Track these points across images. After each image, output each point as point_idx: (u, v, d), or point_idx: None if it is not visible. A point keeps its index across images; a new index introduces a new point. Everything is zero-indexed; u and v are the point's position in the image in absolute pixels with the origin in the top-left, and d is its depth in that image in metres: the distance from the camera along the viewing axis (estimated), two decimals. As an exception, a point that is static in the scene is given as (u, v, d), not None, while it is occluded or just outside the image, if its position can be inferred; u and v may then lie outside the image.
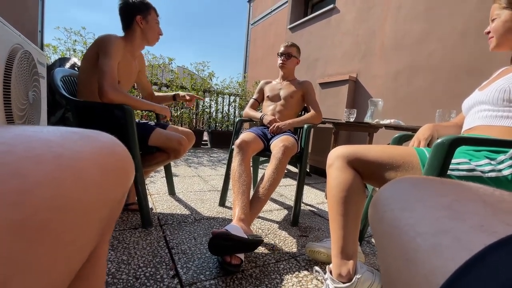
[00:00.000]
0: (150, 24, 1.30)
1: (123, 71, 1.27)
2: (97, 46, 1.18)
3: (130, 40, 1.29)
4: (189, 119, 4.31)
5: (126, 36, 1.30)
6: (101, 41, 1.17)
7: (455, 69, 2.03)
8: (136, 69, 1.42)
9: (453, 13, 2.06)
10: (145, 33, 1.30)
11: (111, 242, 1.05)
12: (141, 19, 1.27)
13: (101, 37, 1.18)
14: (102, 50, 1.15)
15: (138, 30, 1.29)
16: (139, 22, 1.27)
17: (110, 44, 1.15)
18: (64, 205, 0.18)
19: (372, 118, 2.02)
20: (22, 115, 1.36)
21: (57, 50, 3.12)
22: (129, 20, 1.28)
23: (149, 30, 1.30)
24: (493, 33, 0.82)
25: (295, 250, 1.13)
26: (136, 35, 1.29)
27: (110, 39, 1.16)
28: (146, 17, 1.28)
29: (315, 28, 3.52)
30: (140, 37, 1.31)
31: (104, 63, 1.13)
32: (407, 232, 0.19)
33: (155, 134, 1.28)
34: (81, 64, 1.25)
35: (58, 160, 0.19)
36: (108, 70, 1.12)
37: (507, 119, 0.75)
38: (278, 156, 1.25)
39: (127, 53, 1.28)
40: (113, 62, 1.15)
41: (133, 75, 1.39)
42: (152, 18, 1.30)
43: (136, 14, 1.26)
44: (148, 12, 1.28)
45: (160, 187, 1.86)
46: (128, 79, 1.35)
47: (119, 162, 0.27)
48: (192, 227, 1.26)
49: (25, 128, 0.21)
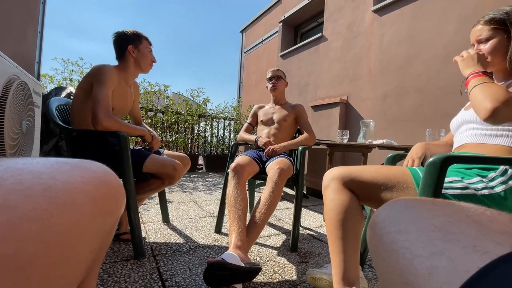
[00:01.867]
0: (142, 52, 1.34)
1: (118, 98, 1.29)
2: (91, 76, 1.20)
3: (123, 69, 1.34)
4: (184, 144, 4.31)
5: (120, 65, 1.35)
6: (95, 70, 1.20)
7: (440, 90, 2.13)
8: (132, 97, 1.45)
9: (433, 38, 2.20)
10: (137, 61, 1.35)
11: (101, 275, 0.99)
12: (133, 48, 1.32)
13: (96, 67, 1.21)
14: (96, 80, 1.18)
15: (131, 59, 1.34)
16: (131, 52, 1.32)
17: (104, 73, 1.18)
18: (53, 239, 0.18)
19: (365, 138, 2.06)
20: (14, 145, 1.34)
21: (53, 80, 3.18)
22: (122, 50, 1.33)
23: (141, 58, 1.34)
24: (489, 54, 0.82)
25: (295, 278, 1.08)
26: (129, 63, 1.34)
27: (104, 69, 1.20)
28: (138, 46, 1.33)
29: (304, 55, 3.70)
30: (134, 65, 1.35)
31: (98, 92, 1.15)
32: (404, 255, 0.18)
33: (150, 161, 1.27)
34: (75, 92, 1.28)
35: (48, 192, 0.19)
36: (102, 98, 1.14)
37: (496, 137, 0.78)
38: (274, 178, 1.24)
39: (121, 81, 1.32)
40: (107, 90, 1.17)
41: (128, 103, 1.42)
42: (144, 47, 1.35)
43: (128, 44, 1.32)
44: (139, 41, 1.34)
45: (154, 214, 1.81)
46: (123, 106, 1.37)
47: (110, 192, 0.26)
48: (187, 257, 1.20)
49: (16, 160, 0.21)
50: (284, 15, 4.23)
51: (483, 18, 0.85)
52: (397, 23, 2.50)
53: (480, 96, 0.71)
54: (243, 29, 6.09)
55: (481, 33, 0.84)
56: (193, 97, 4.47)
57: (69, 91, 2.52)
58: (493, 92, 0.69)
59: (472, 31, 0.89)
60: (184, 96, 4.58)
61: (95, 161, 0.28)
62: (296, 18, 4.17)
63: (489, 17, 0.83)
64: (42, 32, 2.66)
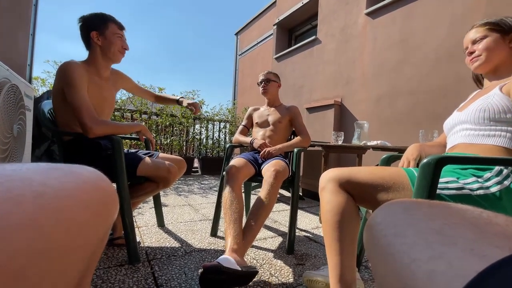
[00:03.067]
0: (109, 39, 1.16)
1: (95, 96, 1.16)
2: (59, 80, 1.09)
3: (92, 62, 1.19)
4: (179, 146, 4.28)
5: (88, 57, 1.20)
6: (62, 72, 1.08)
7: (432, 93, 2.16)
8: (112, 91, 1.32)
9: (425, 42, 2.24)
10: (104, 49, 1.17)
11: (95, 281, 0.97)
12: (97, 35, 1.15)
13: (60, 68, 1.08)
14: (65, 84, 1.06)
15: (96, 47, 1.17)
16: (95, 39, 1.15)
17: (70, 74, 1.06)
18: (44, 249, 0.17)
19: (359, 140, 2.08)
20: (5, 149, 1.31)
21: (45, 82, 3.13)
22: (86, 38, 1.17)
23: (108, 45, 1.17)
24: (483, 51, 0.84)
25: (291, 280, 1.07)
26: (96, 53, 1.18)
27: (69, 69, 1.06)
28: (104, 32, 1.16)
29: (299, 58, 3.72)
30: (101, 55, 1.18)
31: (73, 97, 1.04)
32: (402, 259, 0.18)
33: (144, 164, 1.25)
34: (52, 101, 1.17)
35: (39, 200, 0.19)
36: (80, 103, 1.03)
37: (488, 137, 0.79)
38: (270, 180, 1.24)
39: (93, 77, 1.17)
40: (81, 92, 1.05)
41: (108, 98, 1.28)
42: (110, 32, 1.17)
43: (91, 30, 1.14)
44: (105, 26, 1.16)
45: (149, 218, 1.79)
46: (102, 103, 1.24)
47: (103, 198, 0.26)
48: (183, 261, 1.19)
49: (4, 166, 0.20)
50: (279, 17, 4.26)
51: (477, 23, 0.88)
52: (389, 26, 2.54)
53: None
54: (238, 31, 6.11)
55: (476, 34, 0.87)
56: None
57: (62, 94, 2.48)
58: None
59: (466, 36, 0.92)
60: (179, 98, 4.56)
61: (87, 166, 0.27)
62: (290, 21, 4.20)
63: (484, 21, 0.86)
64: (34, 35, 2.62)
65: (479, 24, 0.87)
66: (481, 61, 0.86)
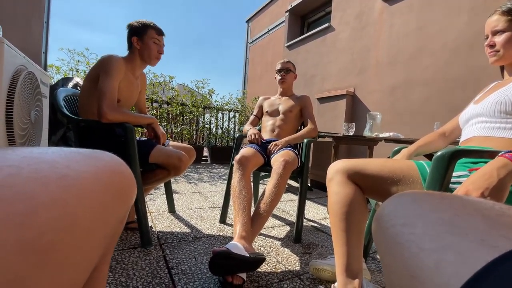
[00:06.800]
0: (147, 44, 1.33)
1: (125, 90, 1.29)
2: (98, 67, 1.21)
3: (130, 60, 1.34)
4: (189, 135, 4.33)
5: (127, 56, 1.35)
6: (103, 61, 1.20)
7: (449, 83, 2.08)
8: (138, 89, 1.45)
9: (443, 29, 2.14)
10: (141, 53, 1.34)
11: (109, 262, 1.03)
12: (137, 40, 1.32)
13: (103, 57, 1.22)
14: (103, 70, 1.18)
15: (135, 50, 1.34)
16: (135, 43, 1.32)
17: (111, 64, 1.19)
18: (69, 226, 0.18)
19: (371, 131, 2.04)
20: (24, 134, 1.37)
21: (60, 70, 3.19)
22: (129, 41, 1.34)
23: (145, 50, 1.33)
24: (502, 47, 0.81)
25: (298, 268, 1.10)
26: (135, 55, 1.35)
27: (111, 60, 1.20)
28: (142, 38, 1.32)
29: (311, 46, 3.63)
30: (139, 57, 1.35)
31: (104, 84, 1.15)
32: (410, 248, 0.19)
33: (156, 151, 1.28)
34: (83, 83, 1.28)
35: (63, 181, 0.20)
36: (107, 90, 1.14)
37: (505, 130, 0.76)
38: (279, 171, 1.24)
39: (128, 73, 1.32)
40: (114, 82, 1.18)
41: (134, 95, 1.42)
42: (148, 38, 1.33)
43: (132, 35, 1.32)
44: (144, 32, 1.32)
45: (160, 204, 1.84)
46: (129, 98, 1.37)
47: (122, 181, 0.27)
48: (193, 246, 1.23)
49: (32, 149, 0.22)
50: (291, 4, 4.14)
51: (501, 8, 0.82)
52: (406, 12, 2.43)
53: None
54: (249, 19, 5.99)
55: (497, 23, 0.82)
56: (198, 88, 4.46)
57: (76, 81, 2.54)
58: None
59: (488, 21, 0.86)
60: (189, 87, 4.58)
61: (107, 152, 0.28)
62: (303, 8, 4.07)
63: (507, 7, 0.80)
64: (48, 22, 2.66)
65: (502, 10, 0.81)
66: (499, 57, 0.83)
